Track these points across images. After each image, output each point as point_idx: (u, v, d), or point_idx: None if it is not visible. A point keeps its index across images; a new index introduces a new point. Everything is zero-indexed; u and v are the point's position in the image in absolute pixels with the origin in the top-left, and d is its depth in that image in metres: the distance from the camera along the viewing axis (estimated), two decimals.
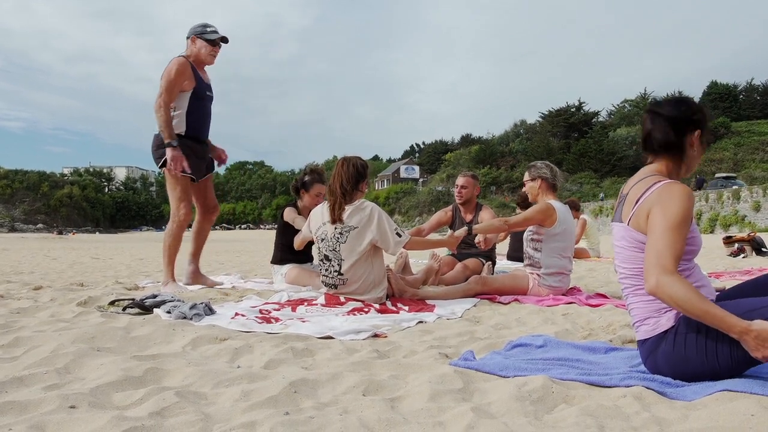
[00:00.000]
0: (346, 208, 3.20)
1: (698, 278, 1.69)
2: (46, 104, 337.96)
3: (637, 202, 1.66)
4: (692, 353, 1.55)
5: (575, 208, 8.12)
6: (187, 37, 4.03)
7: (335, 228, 3.21)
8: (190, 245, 4.27)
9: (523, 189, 3.84)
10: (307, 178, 4.37)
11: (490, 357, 1.89)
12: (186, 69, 3.87)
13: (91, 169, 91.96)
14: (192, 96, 3.91)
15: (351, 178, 3.21)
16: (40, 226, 66.04)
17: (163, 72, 3.87)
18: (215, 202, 4.33)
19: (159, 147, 3.86)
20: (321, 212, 3.35)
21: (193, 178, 3.95)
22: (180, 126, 3.89)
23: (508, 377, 1.64)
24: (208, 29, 4.01)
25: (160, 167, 3.92)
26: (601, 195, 39.30)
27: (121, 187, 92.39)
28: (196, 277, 4.19)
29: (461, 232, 3.66)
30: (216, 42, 4.01)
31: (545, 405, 1.43)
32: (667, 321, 1.62)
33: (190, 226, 4.10)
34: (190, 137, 3.94)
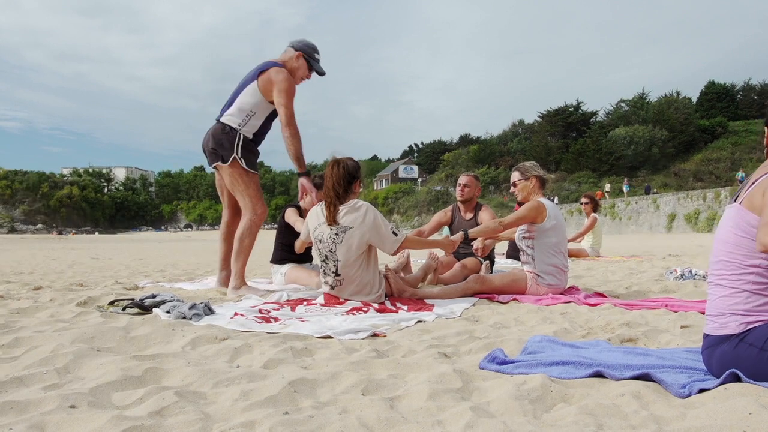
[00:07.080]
0: (341, 209, 3.20)
1: None
2: (41, 103, 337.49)
3: (754, 183, 1.56)
4: (749, 365, 1.48)
5: (595, 203, 8.15)
6: (293, 47, 3.91)
7: (331, 229, 3.21)
8: (220, 250, 4.19)
9: (512, 189, 3.82)
10: (316, 180, 4.36)
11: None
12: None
13: (91, 170, 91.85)
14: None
15: (342, 180, 3.20)
16: (39, 226, 66.04)
17: (269, 84, 3.71)
18: None
19: (223, 143, 3.76)
20: (317, 213, 3.35)
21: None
22: (252, 129, 3.83)
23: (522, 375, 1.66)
24: (317, 56, 3.95)
25: (216, 164, 3.85)
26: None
27: (121, 188, 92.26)
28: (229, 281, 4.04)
29: (458, 236, 3.66)
30: (312, 71, 3.97)
31: (544, 404, 1.44)
32: (737, 326, 1.54)
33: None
34: (255, 141, 3.90)
